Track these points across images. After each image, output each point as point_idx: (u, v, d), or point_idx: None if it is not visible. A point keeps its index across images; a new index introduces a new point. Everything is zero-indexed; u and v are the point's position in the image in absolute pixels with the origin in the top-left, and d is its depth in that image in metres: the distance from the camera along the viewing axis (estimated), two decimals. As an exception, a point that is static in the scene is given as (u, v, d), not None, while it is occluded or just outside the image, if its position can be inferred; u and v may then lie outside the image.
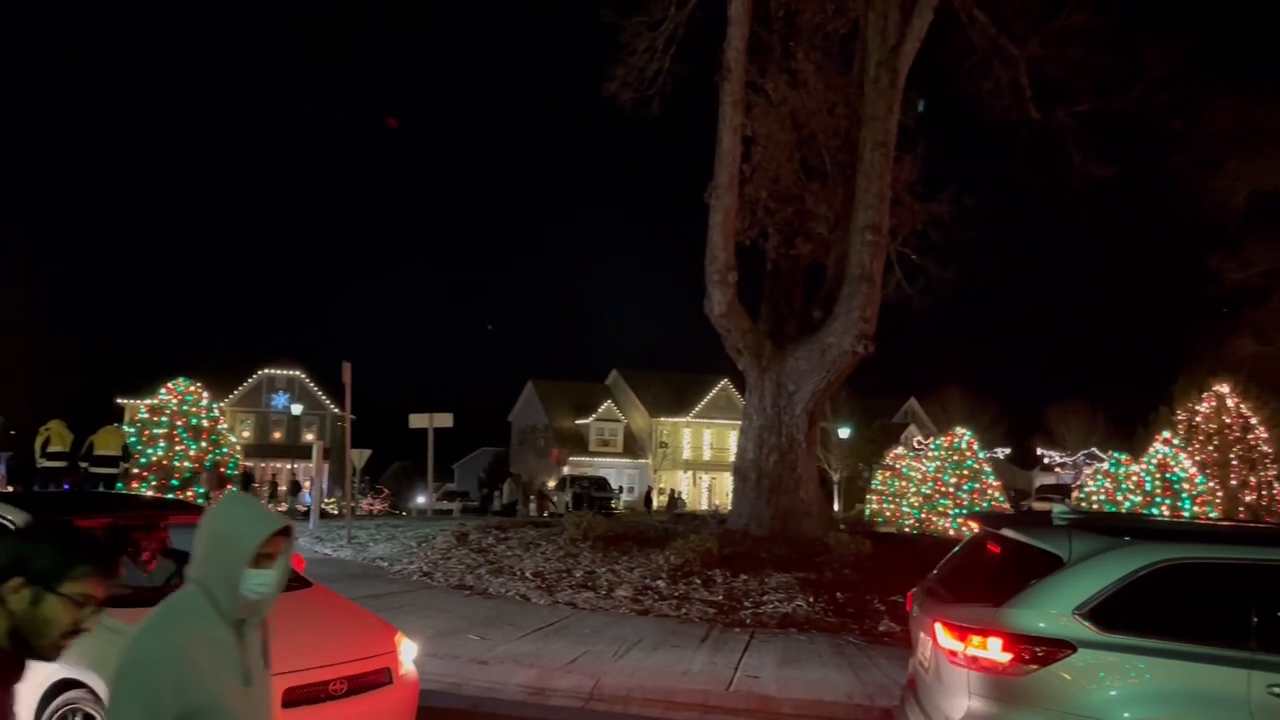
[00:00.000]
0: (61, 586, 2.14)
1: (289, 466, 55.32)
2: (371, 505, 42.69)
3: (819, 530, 15.90)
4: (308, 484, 40.19)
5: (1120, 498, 35.87)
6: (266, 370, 57.95)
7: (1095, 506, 36.84)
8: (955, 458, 38.24)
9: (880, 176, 15.83)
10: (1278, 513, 36.15)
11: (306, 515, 24.64)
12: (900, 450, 46.49)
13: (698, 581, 12.86)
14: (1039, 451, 72.95)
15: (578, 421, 61.07)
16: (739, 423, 19.42)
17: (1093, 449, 62.27)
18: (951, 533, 34.42)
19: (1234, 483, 36.18)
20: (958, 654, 4.82)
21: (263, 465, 54.94)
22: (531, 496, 41.02)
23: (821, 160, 17.81)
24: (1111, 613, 4.59)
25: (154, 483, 20.43)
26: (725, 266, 16.39)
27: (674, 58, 18.87)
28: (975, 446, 39.27)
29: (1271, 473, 36.42)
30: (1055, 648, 4.58)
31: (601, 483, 43.92)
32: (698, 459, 60.18)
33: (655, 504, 53.99)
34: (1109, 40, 17.95)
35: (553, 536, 16.11)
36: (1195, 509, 34.37)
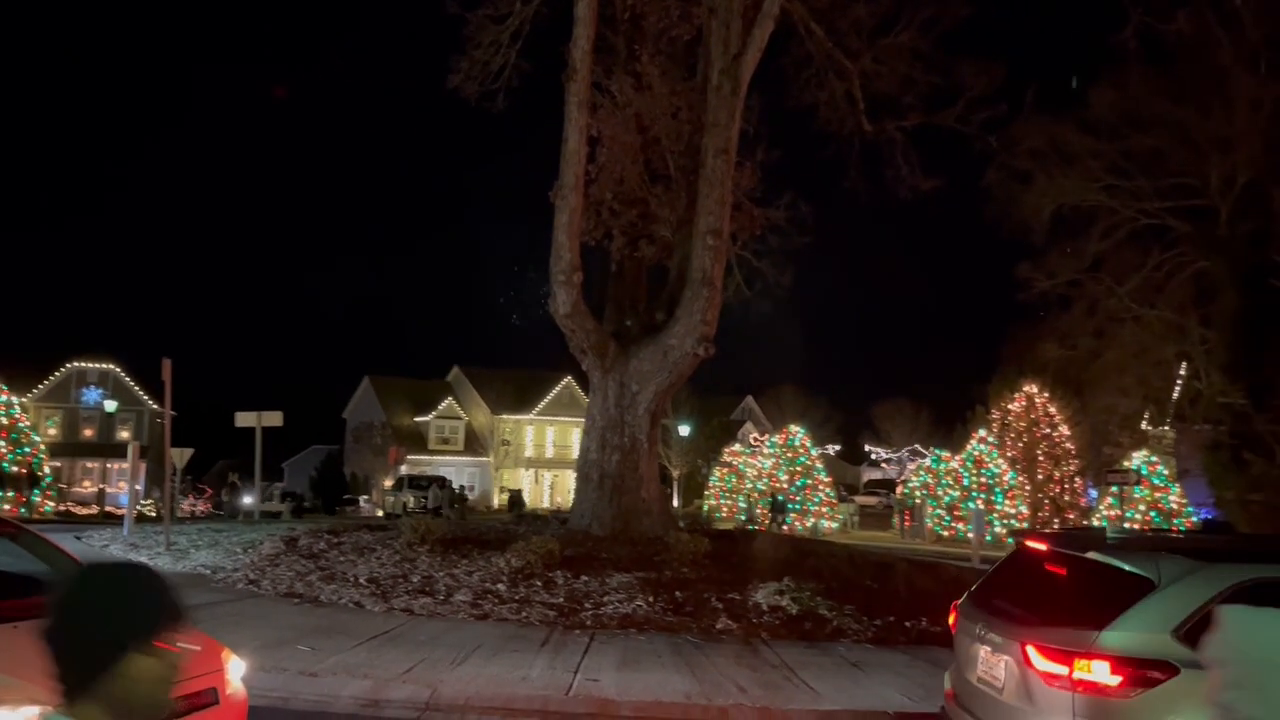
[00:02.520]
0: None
1: (102, 466, 51.85)
2: (193, 506, 40.58)
3: (660, 529, 16.09)
4: (122, 485, 37.58)
5: (940, 492, 38.00)
6: (76, 363, 53.96)
7: (917, 501, 38.88)
8: (789, 454, 39.62)
9: (721, 182, 16.15)
10: (1079, 505, 39.04)
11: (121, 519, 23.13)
12: (738, 447, 47.78)
13: (539, 584, 12.78)
14: (867, 448, 76.34)
15: (417, 419, 59.76)
16: (582, 420, 19.44)
17: (916, 445, 65.53)
18: (784, 528, 35.59)
19: (1040, 477, 38.87)
20: (1061, 677, 4.88)
21: (72, 464, 51.30)
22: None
23: (665, 164, 18.03)
24: (1204, 633, 4.75)
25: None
26: (570, 267, 16.36)
27: (519, 53, 18.73)
28: (808, 443, 40.80)
29: (1072, 468, 39.31)
30: (1160, 670, 4.68)
31: (442, 482, 43.10)
32: (540, 457, 59.98)
33: (496, 503, 53.54)
34: (933, 60, 18.94)
35: (389, 540, 15.68)
36: (1006, 502, 36.76)
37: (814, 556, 15.86)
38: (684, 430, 46.72)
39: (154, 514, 33.35)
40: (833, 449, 67.78)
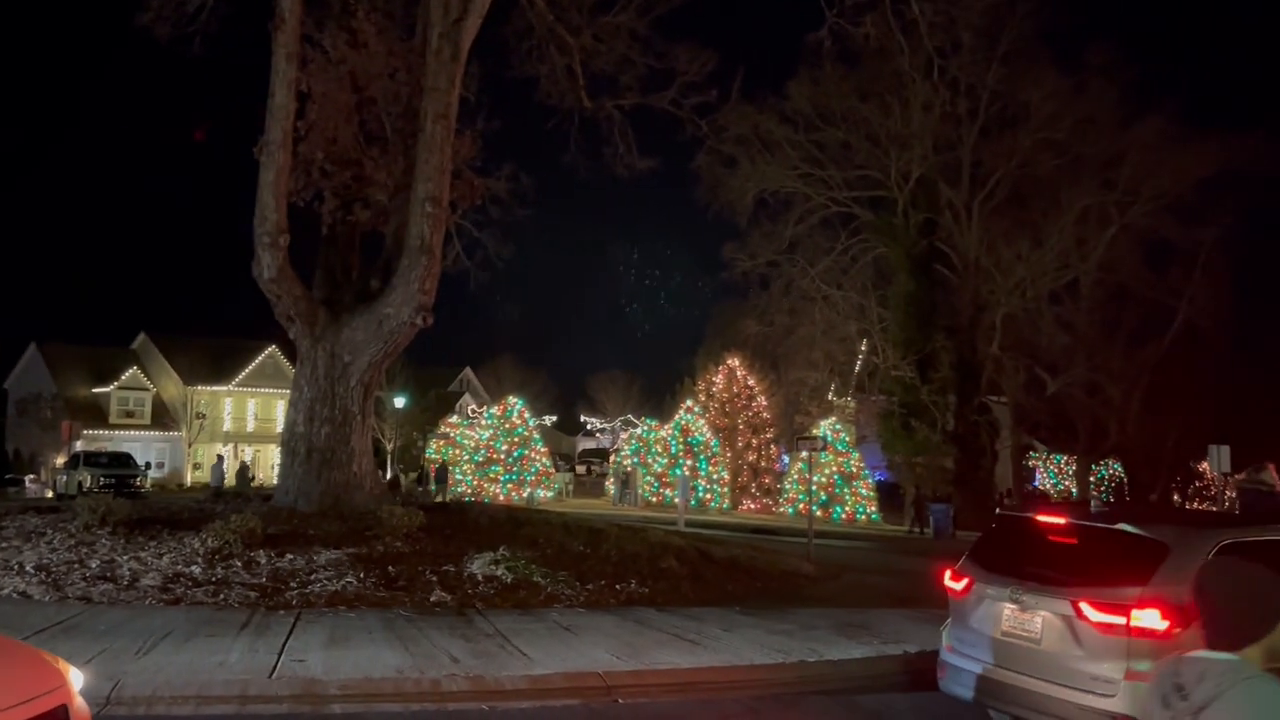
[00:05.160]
0: None
1: None
2: None
3: (372, 504, 15.64)
4: None
5: (650, 460, 39.68)
6: None
7: (629, 469, 40.36)
8: (507, 425, 39.79)
9: (441, 149, 15.82)
10: (774, 470, 42.15)
11: None
12: (455, 419, 47.34)
13: (238, 564, 12.04)
14: (582, 418, 78.21)
15: (96, 390, 54.15)
16: (288, 392, 18.49)
17: (629, 415, 67.92)
18: (501, 498, 35.76)
19: (740, 444, 41.60)
20: (1117, 626, 6.00)
21: None
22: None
23: (382, 126, 17.40)
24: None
25: None
26: (276, 228, 15.43)
27: (219, -5, 17.35)
28: (526, 415, 41.17)
29: (768, 436, 42.36)
30: (1189, 614, 5.38)
31: (126, 459, 39.37)
32: (240, 430, 56.31)
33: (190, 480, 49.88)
34: (650, 42, 19.60)
35: (62, 523, 14.16)
36: (710, 469, 39.01)
37: (529, 526, 16.08)
38: (400, 402, 45.59)
39: None
40: (549, 420, 68.87)
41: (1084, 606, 6.18)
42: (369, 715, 7.49)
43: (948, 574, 7.41)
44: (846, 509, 37.66)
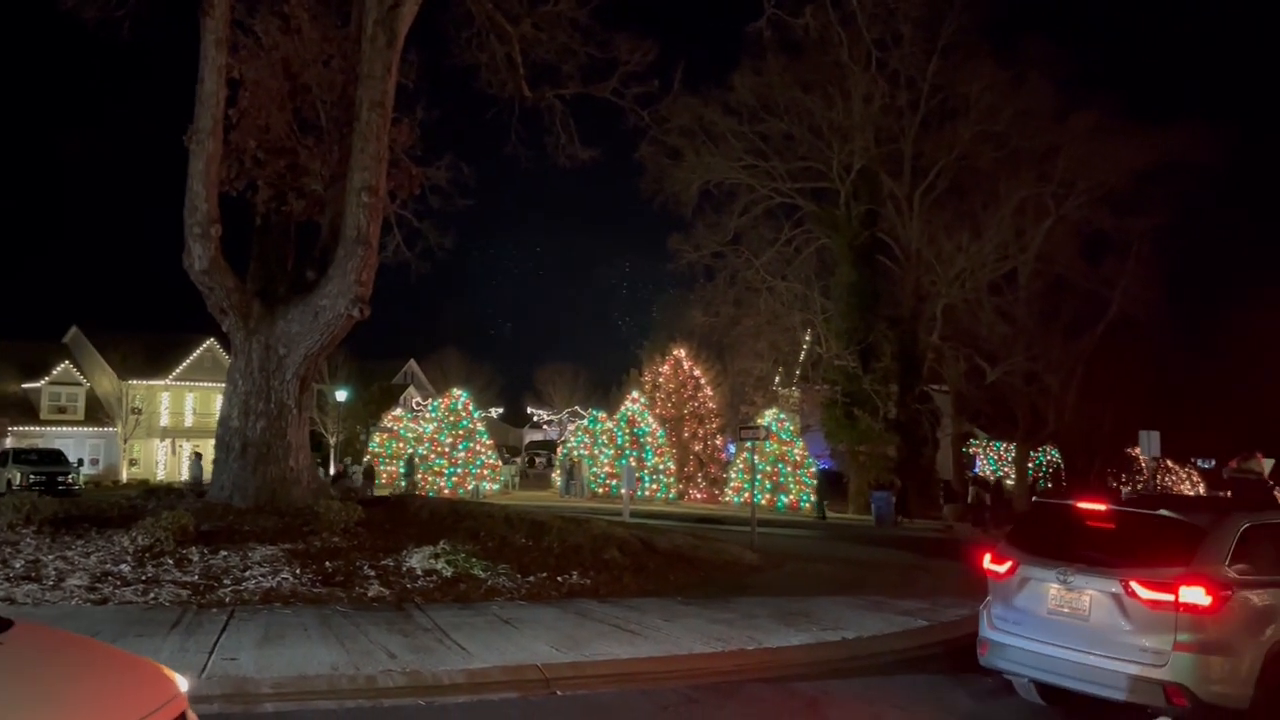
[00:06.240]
0: None
1: None
2: None
3: (310, 499, 15.40)
4: None
5: (597, 451, 39.62)
6: None
7: (575, 460, 40.27)
8: (452, 418, 39.44)
9: (377, 137, 15.56)
10: (719, 460, 42.34)
11: None
12: (399, 412, 46.84)
13: (170, 562, 11.76)
14: (529, 410, 77.89)
15: (25, 385, 52.60)
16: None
17: (575, 407, 67.76)
18: (446, 491, 35.46)
19: (686, 435, 41.71)
20: (1165, 602, 6.57)
21: None
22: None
23: (317, 114, 17.08)
24: (1237, 560, 6.76)
25: None
26: (207, 219, 15.07)
27: (149, -22, 16.84)
28: (471, 407, 40.85)
29: (714, 426, 42.53)
30: (1227, 589, 6.58)
31: (57, 456, 38.31)
32: (178, 425, 55.10)
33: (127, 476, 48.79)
34: (591, 31, 19.47)
35: (-17, 524, 13.72)
36: (656, 459, 39.06)
37: (471, 519, 15.94)
38: (341, 395, 44.94)
39: None
40: (495, 412, 68.46)
41: (1134, 585, 6.73)
42: (303, 713, 7.36)
43: (987, 557, 7.84)
44: (790, 498, 37.95)
